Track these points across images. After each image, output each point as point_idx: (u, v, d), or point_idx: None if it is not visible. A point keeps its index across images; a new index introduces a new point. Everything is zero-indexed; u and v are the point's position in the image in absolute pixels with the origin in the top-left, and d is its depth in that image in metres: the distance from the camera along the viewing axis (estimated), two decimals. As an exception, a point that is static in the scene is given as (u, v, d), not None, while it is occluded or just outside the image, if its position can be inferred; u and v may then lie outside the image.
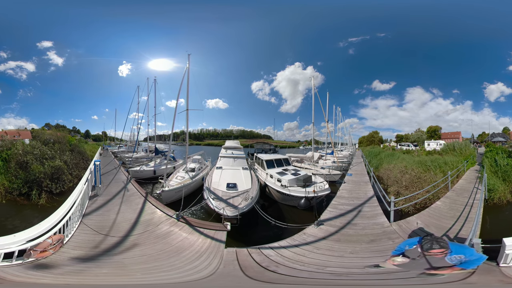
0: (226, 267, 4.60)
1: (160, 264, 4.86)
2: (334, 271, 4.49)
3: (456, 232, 6.00)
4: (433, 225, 6.53)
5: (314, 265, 4.77)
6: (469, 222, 6.47)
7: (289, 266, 4.69)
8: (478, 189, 9.57)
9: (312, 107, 22.27)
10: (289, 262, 4.85)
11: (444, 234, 5.91)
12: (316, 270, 4.56)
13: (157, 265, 4.84)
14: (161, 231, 6.73)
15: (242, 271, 4.46)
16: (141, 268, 4.69)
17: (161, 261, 5.03)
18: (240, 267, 4.59)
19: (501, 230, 7.46)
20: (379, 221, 7.12)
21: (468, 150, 20.43)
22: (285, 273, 4.36)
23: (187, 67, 14.88)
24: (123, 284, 4.16)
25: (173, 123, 13.02)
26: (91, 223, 7.03)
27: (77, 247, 5.51)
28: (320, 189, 10.41)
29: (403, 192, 11.80)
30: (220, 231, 6.45)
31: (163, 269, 4.69)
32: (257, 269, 4.55)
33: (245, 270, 4.48)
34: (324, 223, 7.10)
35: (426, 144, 37.27)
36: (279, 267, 4.63)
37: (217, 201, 9.10)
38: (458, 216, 7.00)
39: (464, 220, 6.64)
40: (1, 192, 11.16)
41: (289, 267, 4.62)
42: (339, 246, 5.62)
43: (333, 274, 4.39)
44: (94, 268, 4.62)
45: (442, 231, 6.07)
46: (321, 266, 4.72)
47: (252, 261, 4.86)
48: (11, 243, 4.39)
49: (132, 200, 9.68)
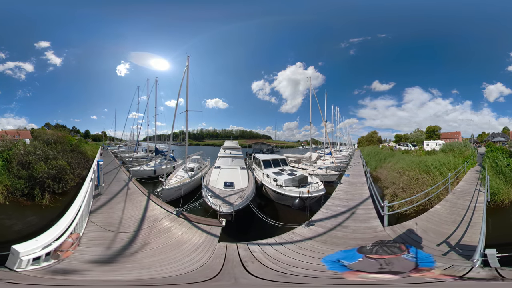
0: (214, 260, 4.98)
1: (166, 257, 5.29)
2: (294, 272, 4.56)
3: (458, 238, 5.55)
4: (432, 230, 6.11)
5: (286, 263, 4.89)
6: (472, 227, 6.00)
7: (263, 263, 4.90)
8: (480, 191, 9.13)
9: (310, 108, 22.49)
10: (266, 260, 5.07)
11: (444, 241, 5.51)
12: (281, 269, 4.68)
13: (163, 257, 5.26)
14: (163, 226, 7.14)
15: (223, 264, 4.79)
16: (153, 261, 5.07)
17: (166, 253, 5.46)
18: (224, 261, 4.95)
19: (506, 233, 7.07)
20: (372, 225, 6.95)
21: (468, 151, 19.93)
22: (250, 270, 4.56)
23: (187, 68, 15.16)
24: (148, 278, 4.44)
25: (173, 124, 13.33)
26: (98, 220, 7.30)
27: (91, 244, 5.76)
28: (315, 190, 10.61)
29: (400, 194, 11.57)
30: (215, 227, 6.85)
31: (168, 261, 5.11)
32: (235, 263, 4.86)
33: (226, 264, 4.81)
34: (315, 223, 7.20)
35: (425, 144, 37.23)
36: (254, 263, 4.88)
37: (214, 198, 9.47)
38: (460, 221, 6.52)
39: (466, 225, 6.16)
40: (4, 193, 10.96)
41: (261, 264, 4.84)
42: (323, 248, 5.64)
43: (286, 276, 4.42)
44: (121, 264, 4.96)
45: (442, 237, 5.67)
46: (290, 265, 4.82)
47: (236, 255, 5.20)
48: (36, 248, 4.38)
49: (134, 198, 10.04)
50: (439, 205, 8.12)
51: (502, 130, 55.57)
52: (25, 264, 4.15)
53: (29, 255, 4.23)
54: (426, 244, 5.47)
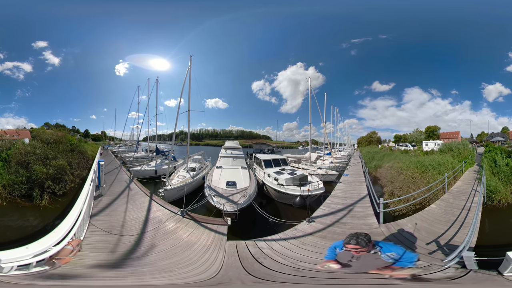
0: (230, 259, 5.12)
1: (180, 259, 5.24)
2: (300, 266, 4.78)
3: (448, 238, 5.63)
4: (424, 229, 6.21)
5: (293, 258, 5.16)
6: (464, 227, 6.07)
7: (274, 259, 5.14)
8: (477, 192, 9.13)
9: (309, 108, 22.71)
10: (275, 255, 5.30)
11: (435, 240, 5.58)
12: (291, 264, 4.92)
13: (178, 259, 5.20)
14: (169, 227, 7.10)
15: (241, 262, 4.94)
16: (170, 264, 4.97)
17: (179, 255, 5.42)
18: (239, 259, 5.09)
19: (502, 234, 7.11)
20: (369, 222, 7.22)
21: (466, 150, 20.05)
22: (267, 265, 4.82)
23: (189, 68, 15.21)
24: (182, 283, 4.36)
25: (175, 124, 13.49)
26: (100, 223, 7.13)
27: (94, 249, 5.54)
28: (315, 188, 10.83)
29: (397, 193, 11.68)
30: (221, 225, 6.93)
31: (186, 262, 5.06)
32: (250, 260, 5.06)
33: (243, 262, 4.97)
34: (315, 220, 7.42)
35: (424, 144, 37.51)
36: (266, 259, 5.11)
37: (218, 197, 9.58)
38: (454, 220, 6.62)
39: (459, 226, 6.24)
40: (2, 193, 10.61)
41: (273, 260, 5.07)
42: (323, 243, 5.90)
43: (298, 270, 4.61)
44: (132, 268, 4.81)
45: (433, 236, 5.77)
46: (297, 260, 5.08)
47: (248, 253, 5.36)
48: (24, 255, 4.09)
49: (137, 199, 9.96)
50: (435, 204, 8.19)
51: (501, 130, 55.78)
52: (7, 270, 3.83)
53: (12, 262, 3.89)
54: (417, 242, 5.61)
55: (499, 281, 3.74)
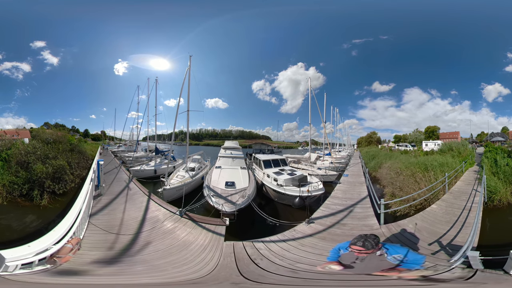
0: (226, 259, 5.09)
1: (175, 258, 5.25)
2: (298, 267, 4.72)
3: (450, 239, 5.59)
4: (426, 230, 6.17)
5: (291, 260, 5.09)
6: (466, 227, 6.06)
7: (271, 260, 5.08)
8: (477, 192, 9.08)
9: (309, 109, 22.70)
10: (272, 256, 5.25)
11: (437, 240, 5.53)
12: (289, 265, 4.85)
13: (173, 259, 5.22)
14: (167, 227, 7.13)
15: (236, 263, 4.91)
16: (165, 263, 5.00)
17: (175, 255, 5.44)
18: (235, 259, 5.07)
19: (502, 234, 7.08)
20: (369, 223, 7.14)
21: (466, 150, 19.99)
22: (263, 267, 4.76)
23: (189, 68, 15.19)
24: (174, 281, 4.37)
25: (174, 124, 13.46)
26: (99, 222, 7.19)
27: (93, 247, 5.63)
28: (314, 189, 10.78)
29: (397, 193, 11.64)
30: (219, 226, 6.91)
31: (181, 262, 5.08)
32: (247, 261, 5.02)
33: (238, 263, 4.94)
34: (315, 221, 7.36)
35: (424, 144, 37.57)
36: (263, 260, 5.06)
37: (216, 198, 9.54)
38: (455, 221, 6.59)
39: (461, 226, 6.22)
40: (2, 193, 10.68)
41: (270, 261, 5.03)
42: (322, 244, 5.84)
43: (295, 272, 4.57)
44: (127, 267, 4.82)
45: (435, 236, 5.73)
46: (295, 261, 5.01)
47: (245, 253, 5.33)
48: (27, 254, 4.21)
49: (136, 199, 10.00)
50: (435, 204, 8.16)
51: (501, 130, 55.75)
52: (12, 268, 3.95)
53: (17, 261, 4.00)
54: (419, 243, 5.57)
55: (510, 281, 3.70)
